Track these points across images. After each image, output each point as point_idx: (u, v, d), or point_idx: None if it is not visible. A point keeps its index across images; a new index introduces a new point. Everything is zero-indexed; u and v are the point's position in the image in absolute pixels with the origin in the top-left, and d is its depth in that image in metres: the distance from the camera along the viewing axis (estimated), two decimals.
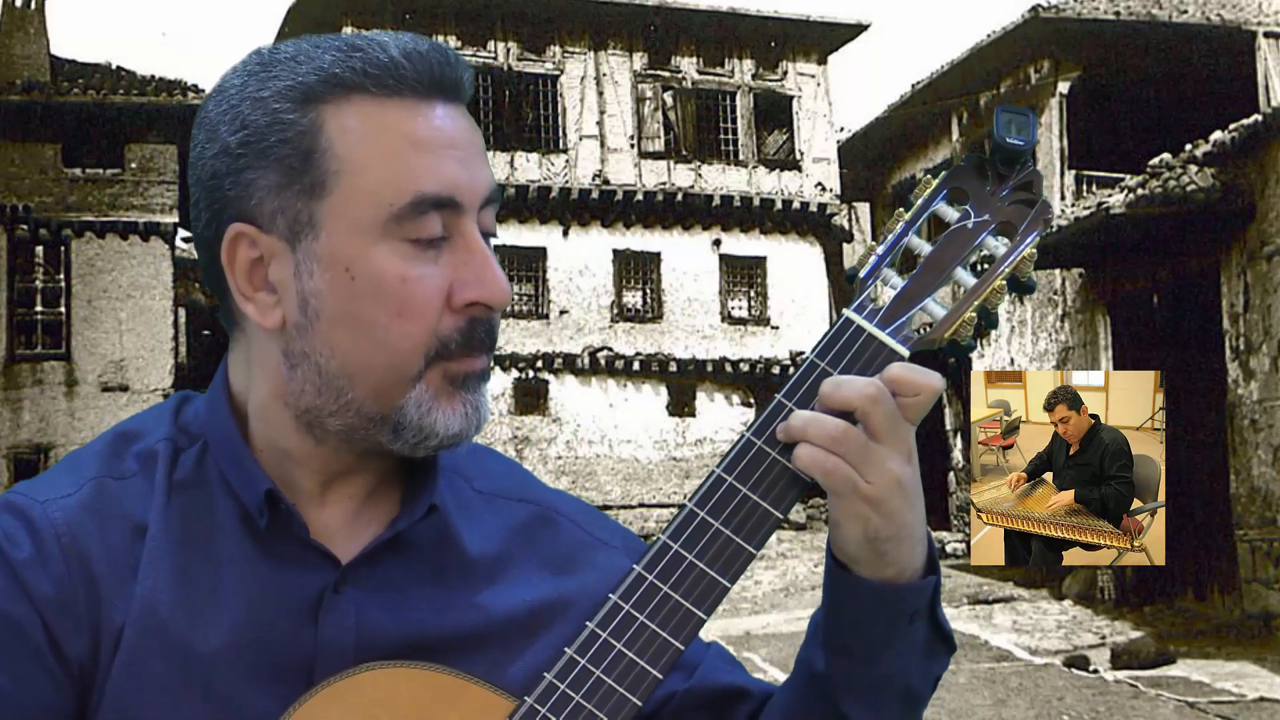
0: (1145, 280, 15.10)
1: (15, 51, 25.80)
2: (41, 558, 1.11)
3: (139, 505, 1.15)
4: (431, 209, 1.10)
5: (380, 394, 1.12)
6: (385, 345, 1.11)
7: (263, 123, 1.11)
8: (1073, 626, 13.92)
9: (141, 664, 1.10)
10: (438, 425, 1.12)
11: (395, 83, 1.10)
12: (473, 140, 1.14)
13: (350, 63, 1.10)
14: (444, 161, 1.11)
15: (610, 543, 1.28)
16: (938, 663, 1.18)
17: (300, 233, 1.11)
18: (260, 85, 1.12)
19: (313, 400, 1.14)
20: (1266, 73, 19.03)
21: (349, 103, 1.10)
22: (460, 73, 1.13)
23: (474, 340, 1.13)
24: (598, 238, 27.24)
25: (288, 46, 1.14)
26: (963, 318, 1.12)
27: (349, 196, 1.10)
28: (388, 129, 1.10)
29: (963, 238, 1.13)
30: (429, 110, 1.11)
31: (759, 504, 1.10)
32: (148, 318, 25.46)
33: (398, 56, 1.10)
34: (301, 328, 1.13)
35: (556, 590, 1.22)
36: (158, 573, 1.12)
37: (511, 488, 1.28)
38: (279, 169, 1.11)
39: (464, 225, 1.12)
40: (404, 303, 1.10)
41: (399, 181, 1.09)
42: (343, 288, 1.10)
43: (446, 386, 1.12)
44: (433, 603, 1.17)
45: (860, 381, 1.08)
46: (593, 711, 1.07)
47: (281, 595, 1.14)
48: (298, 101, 1.11)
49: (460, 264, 1.11)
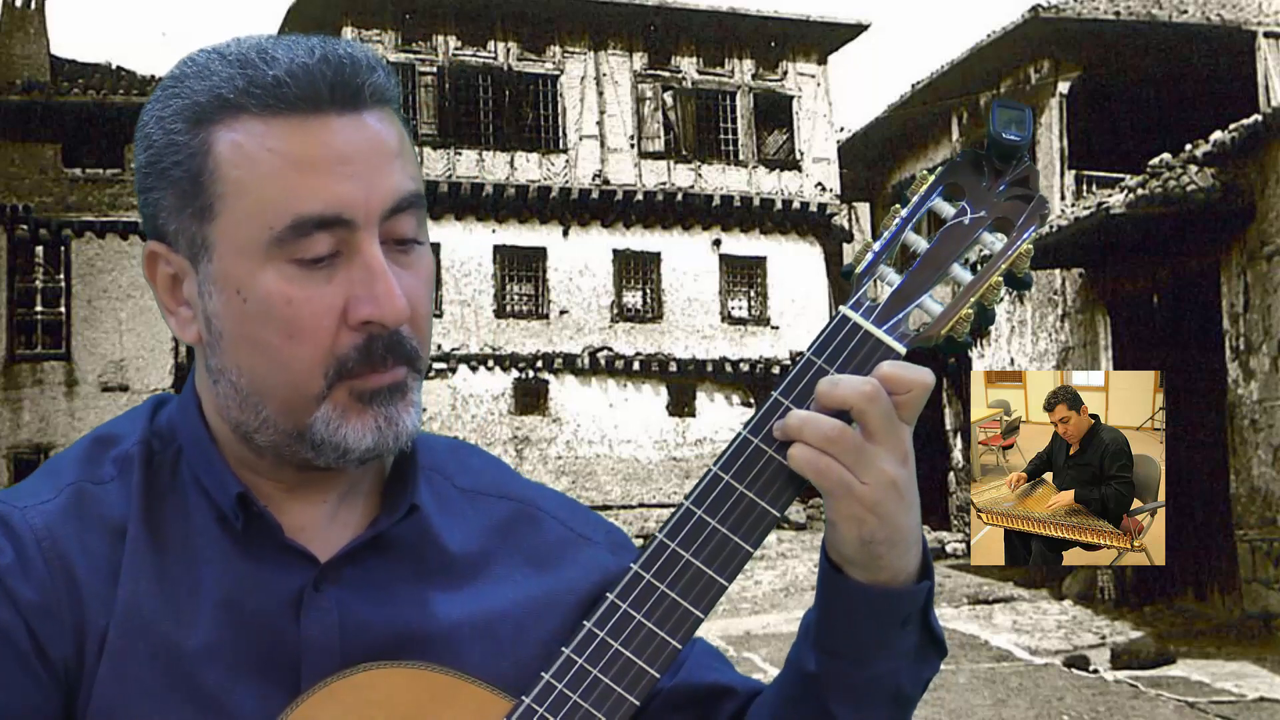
0: (1145, 280, 15.10)
1: (15, 51, 25.81)
2: (23, 564, 1.10)
3: (118, 509, 1.15)
4: (315, 229, 1.07)
5: (289, 411, 1.11)
6: (282, 366, 1.10)
7: (162, 143, 1.10)
8: (1073, 626, 13.92)
9: (126, 667, 1.10)
10: (349, 441, 1.11)
11: (277, 101, 1.07)
12: (375, 150, 1.09)
13: (236, 82, 1.08)
14: (329, 179, 1.07)
15: (593, 538, 1.28)
16: (928, 667, 1.18)
17: (198, 254, 1.11)
18: (164, 104, 1.11)
19: (237, 415, 1.14)
20: (1266, 73, 19.03)
21: (236, 123, 1.08)
22: (361, 79, 1.09)
23: (374, 356, 1.10)
24: (598, 238, 27.25)
25: (200, 56, 1.12)
26: (959, 314, 1.11)
27: (234, 220, 1.08)
28: (270, 150, 1.07)
29: (959, 234, 1.13)
30: (318, 126, 1.08)
31: (756, 502, 1.09)
32: (148, 318, 25.46)
33: (282, 74, 1.07)
34: (212, 346, 1.13)
35: (539, 586, 1.22)
36: (139, 575, 1.12)
37: (493, 484, 1.27)
38: (175, 191, 1.10)
39: (359, 241, 1.08)
40: (291, 325, 1.08)
41: (278, 204, 1.07)
42: (236, 310, 1.10)
43: (354, 403, 1.10)
44: (415, 600, 1.17)
45: (856, 380, 1.07)
46: (590, 711, 1.07)
47: (262, 594, 1.14)
48: (190, 122, 1.09)
49: (355, 281, 1.08)
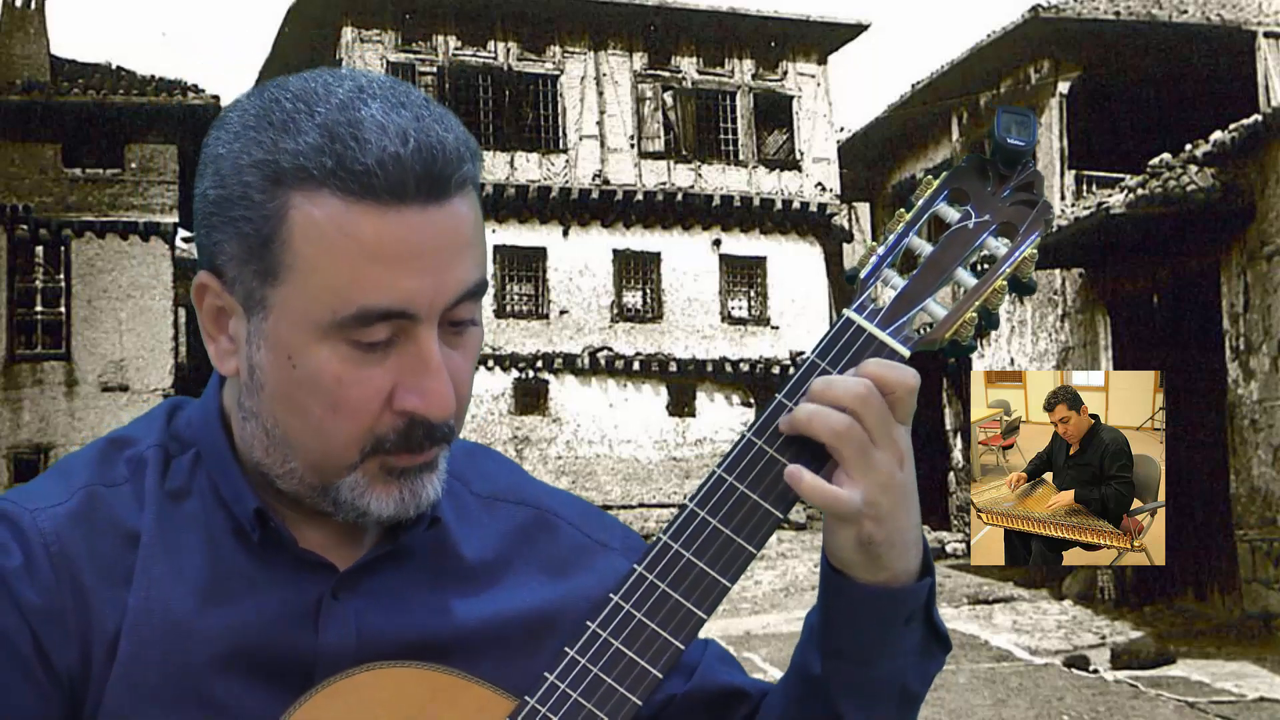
0: (1145, 280, 15.10)
1: (15, 51, 25.79)
2: (30, 568, 1.10)
3: (130, 513, 1.14)
4: (377, 320, 1.07)
5: (317, 470, 1.12)
6: (320, 434, 1.10)
7: (235, 191, 1.08)
8: (1073, 626, 13.92)
9: (139, 673, 1.10)
10: (371, 507, 1.12)
11: (362, 189, 1.05)
12: (449, 241, 1.08)
13: (323, 159, 1.05)
14: (400, 273, 1.06)
15: (609, 544, 1.28)
16: (934, 663, 1.18)
17: (253, 307, 1.10)
18: (244, 147, 1.08)
19: (261, 457, 1.14)
20: (1266, 73, 19.02)
21: (316, 196, 1.06)
22: (451, 170, 1.07)
23: (412, 442, 1.10)
24: (598, 238, 27.23)
25: (286, 101, 1.08)
26: (963, 318, 1.12)
27: (298, 292, 1.07)
28: (346, 234, 1.05)
29: (964, 238, 1.13)
30: (396, 217, 1.06)
31: (759, 504, 1.10)
32: (148, 318, 25.46)
33: (372, 164, 1.04)
34: (250, 388, 1.13)
35: (554, 594, 1.22)
36: (152, 581, 1.12)
37: (509, 490, 1.28)
38: (241, 242, 1.09)
39: (418, 332, 1.08)
40: (338, 401, 1.09)
41: (346, 291, 1.06)
42: (284, 372, 1.10)
43: (383, 475, 1.11)
44: (432, 608, 1.17)
45: (851, 381, 1.07)
46: (593, 711, 1.07)
47: (280, 603, 1.14)
48: (269, 181, 1.07)
49: (406, 370, 1.08)
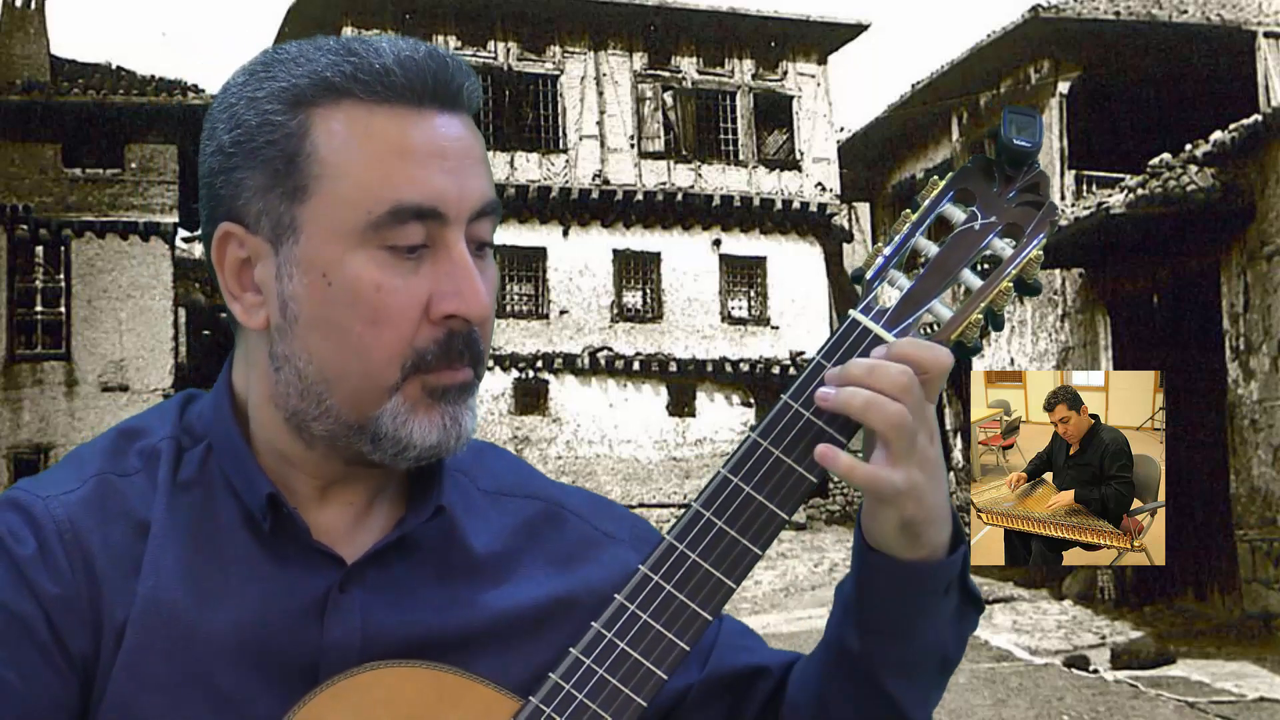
0: (1145, 280, 15.10)
1: (15, 51, 25.78)
2: (45, 555, 1.11)
3: (141, 503, 1.15)
4: (412, 219, 1.09)
5: (357, 402, 1.12)
6: (360, 353, 1.10)
7: (254, 123, 1.11)
8: (1073, 626, 13.92)
9: (144, 662, 1.10)
10: (414, 436, 1.12)
11: (385, 89, 1.09)
12: (468, 151, 1.12)
13: (342, 67, 1.09)
14: (429, 171, 1.09)
15: (616, 536, 1.28)
16: (969, 624, 1.21)
17: (282, 235, 1.11)
18: (257, 85, 1.12)
19: (296, 404, 1.14)
20: (1266, 73, 19.02)
21: (338, 108, 1.10)
22: (460, 80, 1.12)
23: (452, 352, 1.11)
24: (598, 238, 27.23)
25: (291, 47, 1.14)
26: (969, 319, 1.12)
27: (329, 201, 1.09)
28: (373, 136, 1.09)
29: (969, 239, 1.13)
30: (419, 118, 1.10)
31: (765, 505, 1.10)
32: (148, 318, 25.45)
33: (390, 63, 1.09)
34: (282, 330, 1.13)
35: (562, 588, 1.22)
36: (161, 571, 1.12)
37: (517, 484, 1.28)
38: (265, 170, 1.11)
39: (448, 236, 1.10)
40: (378, 311, 1.09)
41: (379, 189, 1.08)
42: (319, 293, 1.10)
43: (425, 398, 1.12)
44: (438, 602, 1.18)
45: (895, 369, 1.07)
46: (597, 712, 1.07)
47: (286, 595, 1.14)
48: (288, 104, 1.10)
49: (441, 275, 1.10)
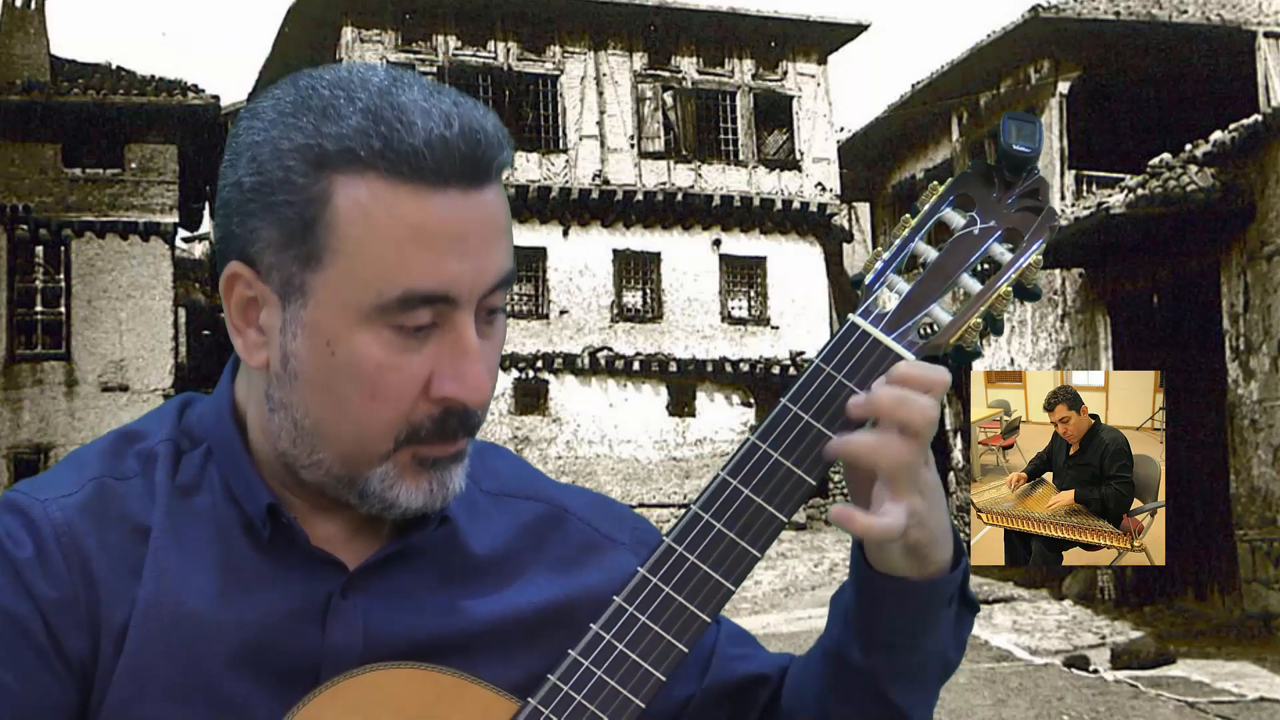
0: (1145, 280, 15.10)
1: (15, 51, 25.79)
2: (42, 558, 1.11)
3: (140, 506, 1.15)
4: (421, 304, 1.08)
5: (348, 461, 1.12)
6: (355, 422, 1.11)
7: (276, 176, 1.08)
8: (1073, 626, 13.92)
9: (145, 666, 1.10)
10: (400, 499, 1.12)
11: (411, 170, 1.06)
12: (489, 227, 1.09)
13: (371, 139, 1.06)
14: (445, 256, 1.07)
15: (619, 539, 1.29)
16: (965, 627, 1.23)
17: (291, 294, 1.10)
18: (284, 133, 1.08)
19: (288, 448, 1.14)
20: (1266, 73, 19.01)
21: (361, 179, 1.07)
22: (492, 155, 1.08)
23: (447, 429, 1.11)
24: (598, 238, 27.23)
25: (323, 89, 1.09)
26: (968, 324, 1.13)
27: (341, 275, 1.08)
28: (393, 216, 1.06)
29: (969, 244, 1.13)
30: (442, 200, 1.07)
31: (764, 508, 1.10)
32: (148, 318, 25.46)
33: (421, 144, 1.05)
34: (281, 379, 1.13)
35: (563, 592, 1.23)
36: (162, 575, 1.12)
37: (519, 486, 1.28)
38: (281, 227, 1.09)
39: (457, 318, 1.09)
40: (377, 388, 1.09)
41: (392, 273, 1.07)
42: (322, 359, 1.10)
43: (414, 466, 1.12)
44: (440, 606, 1.18)
45: (924, 402, 1.08)
46: (595, 713, 1.07)
47: (288, 600, 1.14)
48: (312, 164, 1.07)
49: (445, 356, 1.09)
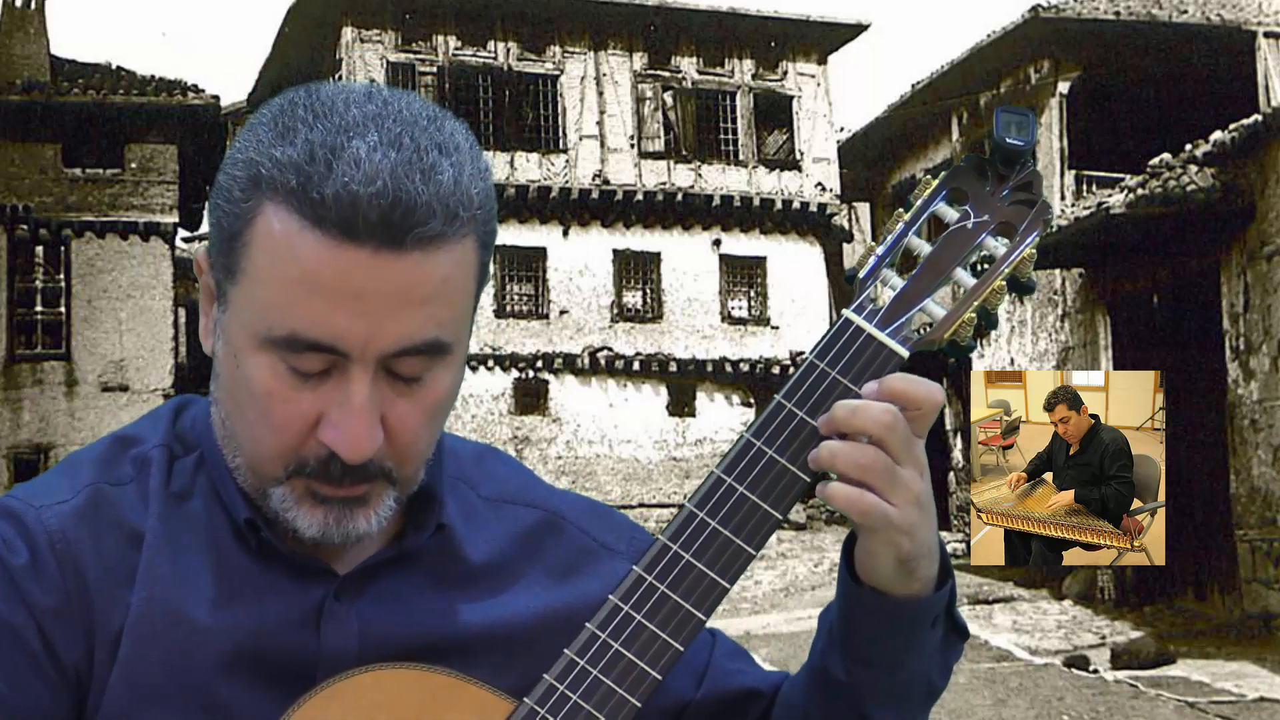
0: (1145, 280, 15.10)
1: (15, 51, 25.80)
2: (37, 565, 1.10)
3: (134, 512, 1.15)
4: (307, 349, 1.06)
5: (253, 472, 1.13)
6: (252, 439, 1.11)
7: (225, 182, 1.09)
8: (1073, 626, 13.92)
9: (140, 672, 1.10)
10: (298, 524, 1.12)
11: (315, 218, 1.03)
12: (401, 291, 1.04)
13: (291, 176, 1.03)
14: (336, 310, 1.04)
15: (615, 548, 1.28)
16: (953, 653, 1.22)
17: (220, 298, 1.12)
18: (246, 141, 1.09)
19: (222, 444, 1.16)
20: (1266, 73, 19.02)
21: (280, 211, 1.04)
22: (415, 223, 1.03)
23: (331, 473, 1.09)
24: (598, 238, 27.24)
25: (302, 108, 1.07)
26: (962, 318, 1.12)
27: (247, 297, 1.08)
28: (294, 258, 1.04)
29: (962, 238, 1.13)
30: (346, 254, 1.03)
31: (759, 505, 1.10)
32: (148, 318, 25.47)
33: (329, 194, 1.02)
34: (215, 374, 1.14)
35: (558, 599, 1.22)
36: (156, 581, 1.12)
37: (517, 492, 1.28)
38: (217, 232, 1.10)
39: (350, 370, 1.06)
40: (267, 414, 1.09)
41: (281, 313, 1.05)
42: (230, 369, 1.11)
43: (309, 496, 1.11)
44: (435, 611, 1.18)
45: (876, 409, 1.07)
46: (591, 712, 1.07)
47: (282, 605, 1.14)
48: (250, 181, 1.06)
49: (333, 403, 1.07)
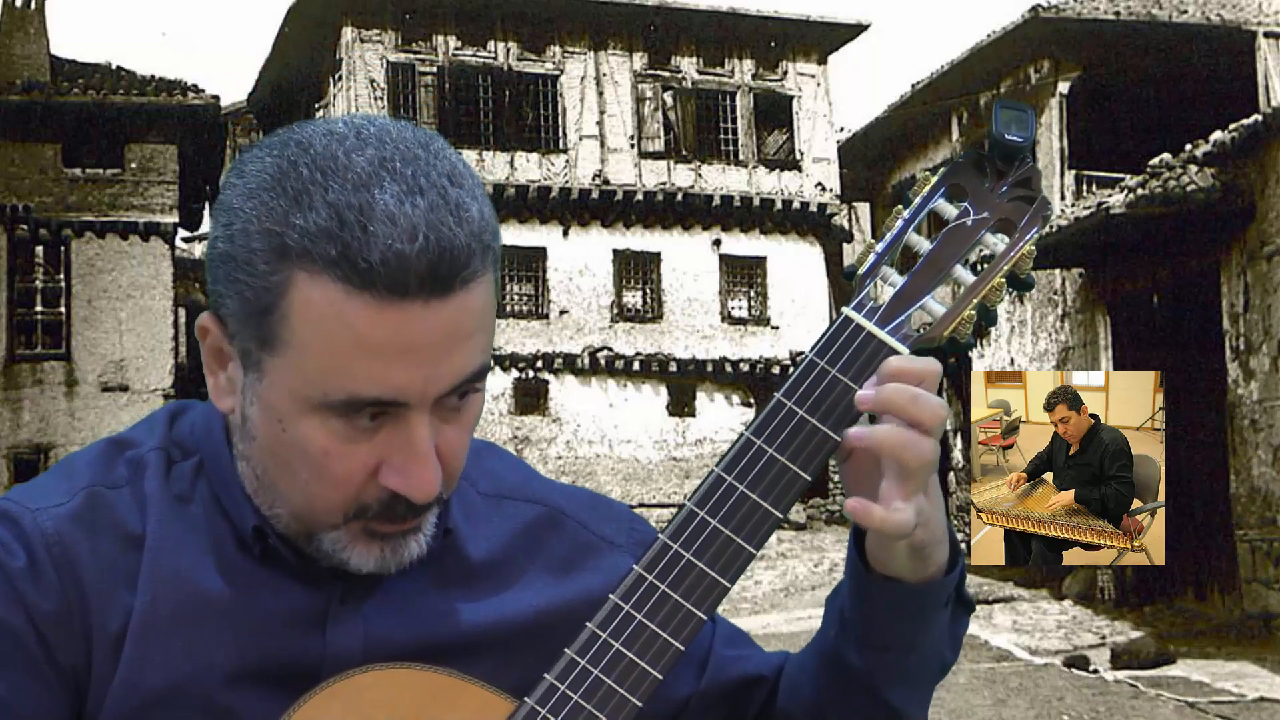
0: (1145, 280, 15.10)
1: (15, 51, 25.79)
2: (34, 568, 1.10)
3: (131, 516, 1.14)
4: (366, 407, 1.06)
5: (301, 520, 1.12)
6: (305, 495, 1.11)
7: (242, 254, 1.06)
8: (1073, 626, 13.92)
9: (143, 676, 1.10)
10: (351, 561, 1.12)
11: (363, 283, 1.02)
12: (450, 334, 1.05)
13: (328, 245, 1.02)
14: (393, 366, 1.04)
15: (615, 540, 1.28)
16: (961, 627, 1.23)
17: (249, 367, 1.09)
18: (255, 210, 1.05)
19: (252, 494, 1.15)
20: (1266, 73, 19.01)
21: (318, 279, 1.03)
22: (459, 269, 1.04)
23: (395, 514, 1.10)
24: (598, 238, 27.23)
25: (305, 167, 1.05)
26: (962, 315, 1.12)
27: (291, 367, 1.06)
28: (343, 324, 1.03)
29: (962, 235, 1.13)
30: (396, 312, 1.03)
31: (759, 504, 1.09)
32: (148, 318, 25.46)
33: (376, 260, 1.01)
34: (243, 433, 1.13)
35: (560, 595, 1.22)
36: (159, 584, 1.12)
37: (516, 487, 1.28)
38: (242, 304, 1.07)
39: (409, 417, 1.07)
40: (324, 472, 1.08)
41: (338, 379, 1.05)
42: (274, 434, 1.09)
43: (364, 536, 1.11)
44: (438, 611, 1.18)
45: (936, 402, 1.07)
46: (592, 712, 1.07)
47: (287, 608, 1.14)
48: (275, 253, 1.04)
49: (394, 449, 1.07)
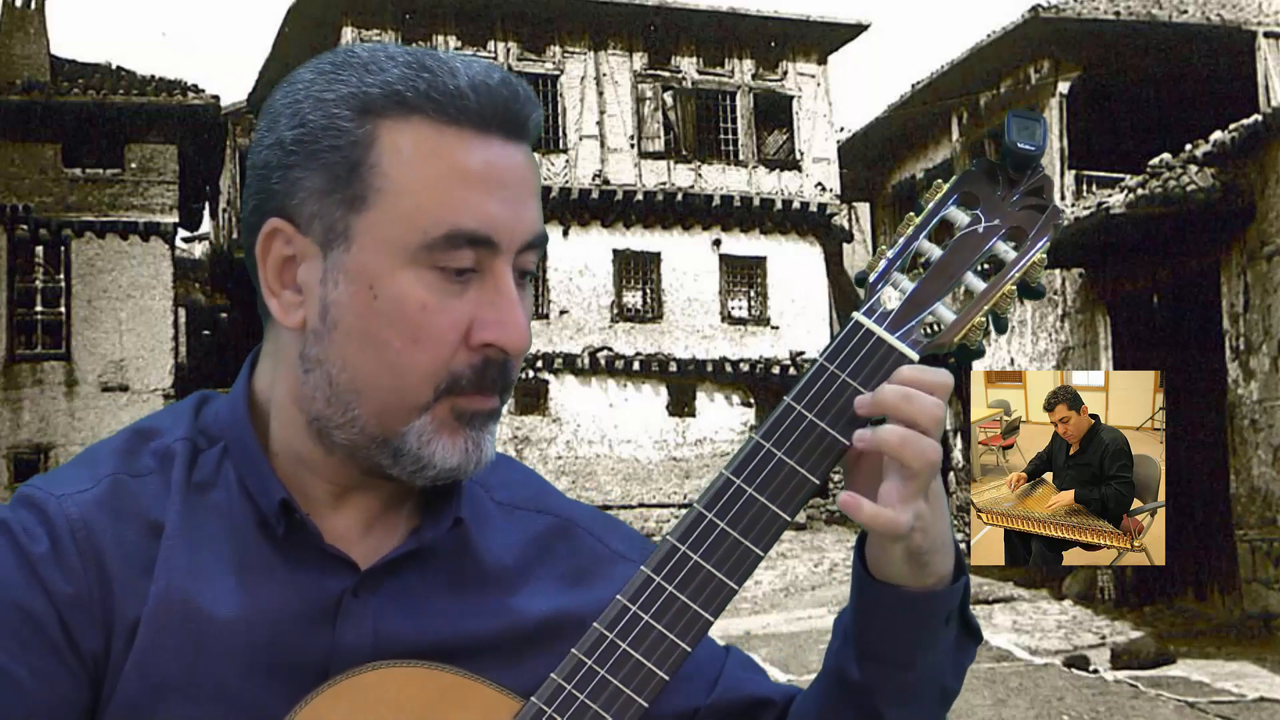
0: (1145, 280, 15.10)
1: (15, 51, 25.78)
2: (57, 553, 1.11)
3: (155, 503, 1.15)
4: (465, 244, 1.09)
5: (385, 416, 1.12)
6: (395, 369, 1.11)
7: (319, 124, 1.10)
8: (1073, 626, 13.92)
9: (155, 662, 1.11)
10: (436, 457, 1.12)
11: (456, 111, 1.09)
12: (525, 181, 1.12)
13: (416, 83, 1.09)
14: (488, 199, 1.09)
15: (627, 555, 1.28)
16: (967, 656, 1.21)
17: (334, 241, 1.11)
18: (326, 86, 1.11)
19: (322, 409, 1.14)
20: (1266, 73, 19.02)
21: (407, 122, 1.09)
22: (528, 111, 1.12)
23: (486, 380, 1.12)
24: (598, 238, 27.23)
25: (361, 51, 1.13)
26: (972, 322, 1.13)
27: (386, 216, 1.09)
28: (439, 156, 1.09)
29: (973, 243, 1.14)
30: (485, 144, 1.10)
31: (767, 507, 1.10)
32: (148, 318, 25.45)
33: (464, 86, 1.09)
34: (319, 334, 1.12)
35: (572, 603, 1.22)
36: (174, 571, 1.13)
37: (530, 498, 1.28)
38: (325, 174, 1.10)
39: (497, 265, 1.11)
40: (420, 330, 1.10)
41: (438, 212, 1.08)
42: (363, 304, 1.10)
43: (451, 421, 1.12)
44: (450, 611, 1.18)
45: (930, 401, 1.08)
46: (599, 712, 1.07)
47: (299, 599, 1.14)
48: (357, 111, 1.10)
49: (486, 303, 1.10)
